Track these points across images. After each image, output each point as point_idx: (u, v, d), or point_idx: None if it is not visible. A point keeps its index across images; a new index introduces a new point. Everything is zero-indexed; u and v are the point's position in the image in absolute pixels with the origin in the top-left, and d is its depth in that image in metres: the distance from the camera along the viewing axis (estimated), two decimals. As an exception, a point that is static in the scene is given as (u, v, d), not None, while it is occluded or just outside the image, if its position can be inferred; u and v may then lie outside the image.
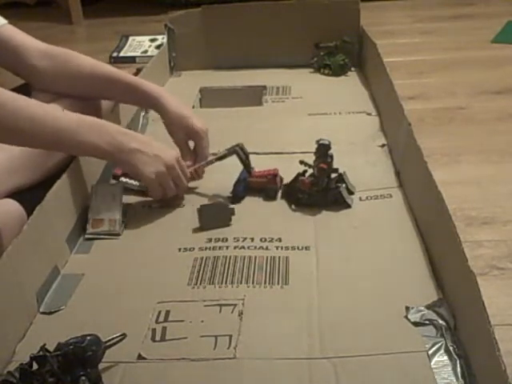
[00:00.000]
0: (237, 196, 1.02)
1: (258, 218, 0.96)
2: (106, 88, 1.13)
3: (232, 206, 0.96)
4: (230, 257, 0.86)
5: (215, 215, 0.94)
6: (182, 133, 1.09)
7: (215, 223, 0.94)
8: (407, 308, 0.74)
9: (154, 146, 0.97)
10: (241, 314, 0.75)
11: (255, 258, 0.85)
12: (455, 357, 0.66)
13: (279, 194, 1.02)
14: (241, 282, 0.81)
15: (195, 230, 0.94)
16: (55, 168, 0.99)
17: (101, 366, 0.66)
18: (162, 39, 1.96)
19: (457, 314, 0.71)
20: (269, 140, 1.21)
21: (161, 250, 0.90)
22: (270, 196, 1.02)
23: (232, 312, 0.75)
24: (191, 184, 1.06)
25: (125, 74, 1.14)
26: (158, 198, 1.00)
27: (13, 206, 0.89)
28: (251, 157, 1.07)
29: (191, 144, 1.11)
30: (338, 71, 1.58)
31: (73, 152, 0.96)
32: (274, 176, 1.02)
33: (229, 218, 0.94)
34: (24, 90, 1.12)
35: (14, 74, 1.13)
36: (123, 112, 1.20)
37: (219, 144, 1.11)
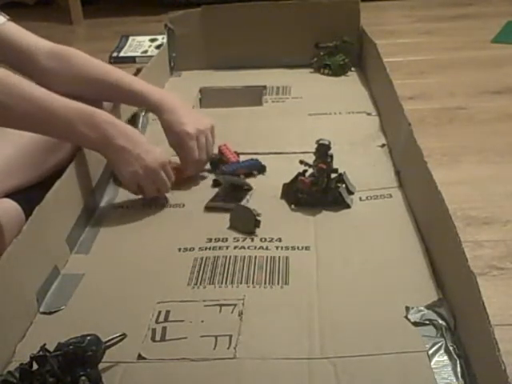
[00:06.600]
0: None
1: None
2: (110, 94, 1.12)
3: (258, 217, 0.92)
4: (230, 257, 0.86)
5: (242, 218, 0.93)
6: (171, 137, 1.07)
7: (240, 226, 0.93)
8: (407, 308, 0.74)
9: (141, 146, 0.95)
10: (241, 313, 0.75)
11: (255, 257, 0.85)
12: (455, 357, 0.66)
13: (279, 193, 1.02)
14: (241, 282, 0.81)
15: (195, 230, 0.94)
16: (54, 168, 0.99)
17: (101, 366, 0.66)
18: (162, 39, 1.96)
19: (457, 314, 0.71)
20: (269, 140, 1.21)
21: (161, 250, 0.90)
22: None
23: (232, 312, 0.75)
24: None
25: (131, 80, 1.12)
26: (132, 193, 1.00)
27: (11, 206, 0.89)
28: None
29: None
30: (338, 71, 1.58)
31: (58, 136, 0.95)
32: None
33: (252, 225, 0.92)
34: None
35: (21, 73, 1.11)
36: (123, 112, 1.19)
37: (219, 144, 1.11)
